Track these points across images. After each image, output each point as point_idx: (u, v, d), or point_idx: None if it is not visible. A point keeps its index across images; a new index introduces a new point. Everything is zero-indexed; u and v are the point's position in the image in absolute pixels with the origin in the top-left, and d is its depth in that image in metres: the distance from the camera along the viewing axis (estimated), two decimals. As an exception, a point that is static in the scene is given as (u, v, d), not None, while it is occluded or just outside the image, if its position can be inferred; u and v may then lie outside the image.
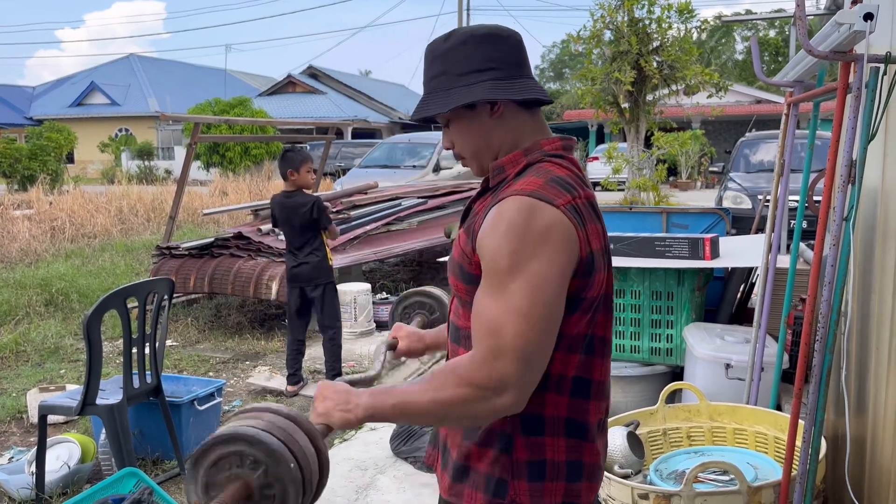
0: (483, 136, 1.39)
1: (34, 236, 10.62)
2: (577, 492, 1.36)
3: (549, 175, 1.30)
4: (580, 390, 1.35)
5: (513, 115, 1.39)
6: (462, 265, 1.35)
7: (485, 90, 1.35)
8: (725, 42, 43.63)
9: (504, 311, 1.21)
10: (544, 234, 1.22)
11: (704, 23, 15.31)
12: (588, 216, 1.30)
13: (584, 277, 1.27)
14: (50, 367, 5.34)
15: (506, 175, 1.37)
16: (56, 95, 39.54)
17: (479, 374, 1.21)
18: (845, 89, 2.03)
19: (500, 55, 1.38)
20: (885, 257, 2.28)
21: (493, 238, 1.25)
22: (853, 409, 2.58)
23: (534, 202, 1.24)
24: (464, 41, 1.37)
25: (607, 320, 1.38)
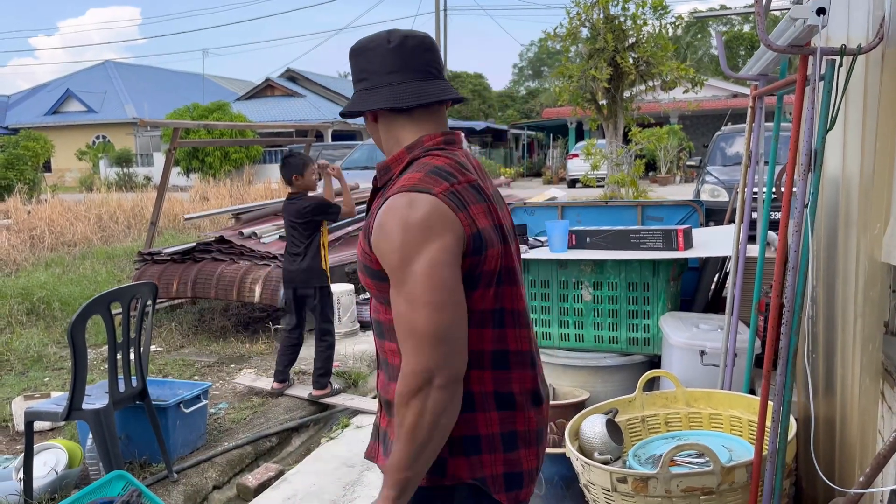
0: (377, 138, 1.54)
1: (13, 246, 10.54)
2: (516, 459, 1.44)
3: (427, 167, 1.40)
4: (500, 362, 1.43)
5: (394, 119, 1.49)
6: (365, 263, 1.43)
7: (366, 101, 1.48)
8: (701, 37, 44.03)
9: (408, 305, 1.31)
10: (425, 223, 1.31)
11: (679, 18, 15.49)
12: (471, 198, 1.39)
13: (476, 255, 1.36)
14: (34, 375, 5.33)
15: (392, 174, 1.47)
16: (31, 104, 39.10)
17: (411, 380, 1.30)
18: (804, 82, 2.11)
19: (373, 63, 1.47)
20: (848, 243, 2.36)
21: (382, 237, 1.35)
22: (822, 391, 2.67)
23: (411, 195, 1.34)
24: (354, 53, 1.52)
25: (515, 293, 1.46)
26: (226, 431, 4.23)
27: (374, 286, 1.43)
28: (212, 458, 3.83)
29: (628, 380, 3.73)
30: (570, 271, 3.89)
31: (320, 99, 36.12)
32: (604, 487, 2.44)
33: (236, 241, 6.30)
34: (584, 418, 2.85)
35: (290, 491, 3.53)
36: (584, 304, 3.89)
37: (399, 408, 1.32)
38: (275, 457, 4.13)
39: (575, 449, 2.66)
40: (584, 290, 3.88)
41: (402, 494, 1.34)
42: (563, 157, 29.11)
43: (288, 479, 3.69)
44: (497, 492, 1.42)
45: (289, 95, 36.00)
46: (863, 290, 2.15)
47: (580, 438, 2.79)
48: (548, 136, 35.11)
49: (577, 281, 3.88)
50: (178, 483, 3.57)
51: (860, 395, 2.20)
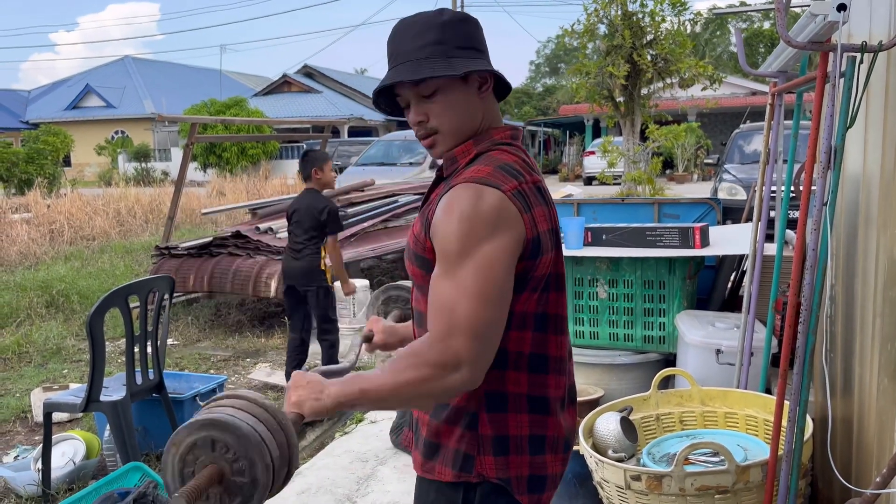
0: (468, 112, 1.42)
1: (33, 239, 10.67)
2: (541, 464, 1.43)
3: (497, 162, 1.37)
4: (538, 366, 1.42)
5: (491, 97, 1.46)
6: (417, 252, 1.41)
7: (488, 65, 1.41)
8: (720, 34, 43.67)
9: (455, 291, 1.28)
10: (491, 218, 1.28)
11: (698, 15, 15.35)
12: (535, 200, 1.36)
13: (532, 258, 1.34)
14: (52, 367, 5.40)
15: (458, 165, 1.43)
16: (51, 99, 39.50)
17: (434, 353, 1.27)
18: (824, 78, 2.09)
19: (485, 42, 1.45)
20: (868, 241, 2.34)
21: (444, 224, 1.32)
22: (840, 390, 2.64)
23: (481, 188, 1.30)
24: (462, 19, 1.42)
25: (559, 299, 1.44)
26: (241, 425, 4.25)
27: (422, 276, 1.40)
28: (227, 451, 3.85)
29: (643, 378, 3.71)
30: (586, 268, 3.87)
31: (337, 95, 36.20)
32: (617, 485, 2.43)
33: (252, 236, 6.33)
34: (599, 416, 2.84)
35: (304, 485, 3.55)
36: (599, 302, 3.87)
37: (410, 359, 1.29)
38: (289, 450, 4.15)
39: (589, 446, 2.65)
40: (600, 288, 3.87)
41: (346, 406, 1.32)
42: (579, 155, 28.98)
43: (302, 472, 3.70)
44: (520, 493, 1.42)
45: (305, 91, 36.12)
46: (882, 289, 2.12)
47: (594, 436, 2.78)
48: (564, 133, 34.99)
49: (593, 278, 3.87)
50: (193, 475, 3.59)
51: (878, 395, 2.18)
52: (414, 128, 1.45)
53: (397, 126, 32.41)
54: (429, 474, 1.45)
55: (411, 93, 1.41)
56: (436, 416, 1.44)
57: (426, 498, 1.48)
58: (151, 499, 2.87)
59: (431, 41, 1.38)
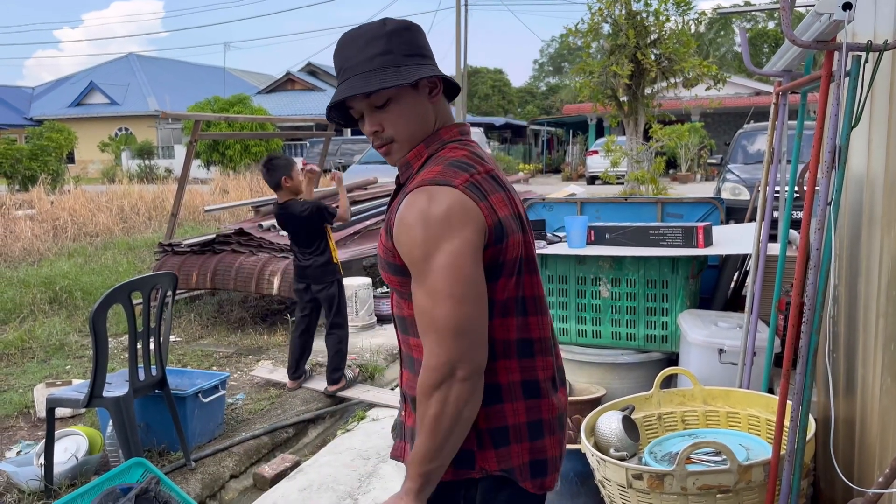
0: (421, 117, 1.44)
1: (37, 236, 10.69)
2: (541, 447, 1.45)
3: (446, 160, 1.39)
4: (525, 351, 1.43)
5: (442, 100, 1.48)
6: (386, 259, 1.43)
7: (435, 71, 1.43)
8: (724, 34, 43.57)
9: (429, 298, 1.31)
10: (446, 216, 1.30)
11: (702, 15, 15.33)
12: (489, 188, 1.38)
13: (498, 244, 1.35)
14: (55, 363, 5.41)
15: (412, 170, 1.45)
16: (55, 95, 39.58)
17: (433, 373, 1.30)
18: (829, 78, 2.08)
19: (428, 47, 1.47)
20: (871, 241, 2.33)
21: (403, 232, 1.34)
22: (842, 390, 2.64)
23: (431, 189, 1.33)
24: (406, 27, 1.44)
25: (533, 280, 1.46)
26: (243, 422, 4.27)
27: (397, 282, 1.42)
28: (229, 448, 3.87)
29: (645, 377, 3.71)
30: (589, 267, 3.87)
31: (340, 93, 36.19)
32: (619, 484, 2.43)
33: (255, 233, 6.34)
34: (601, 414, 2.84)
35: (306, 482, 3.56)
36: (601, 301, 3.87)
37: (421, 400, 1.32)
38: (291, 448, 4.16)
39: (591, 445, 2.65)
40: (603, 287, 3.87)
41: (424, 487, 1.34)
42: (582, 154, 28.98)
43: (304, 469, 3.71)
44: (523, 480, 1.43)
45: (309, 89, 36.16)
46: (885, 289, 2.12)
47: (596, 434, 2.78)
48: (567, 132, 34.97)
49: (596, 277, 3.87)
50: (195, 471, 3.61)
51: (881, 395, 2.18)
52: (370, 138, 1.47)
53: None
54: None
55: (364, 104, 1.43)
56: None
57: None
58: (154, 495, 2.88)
59: (379, 52, 1.40)
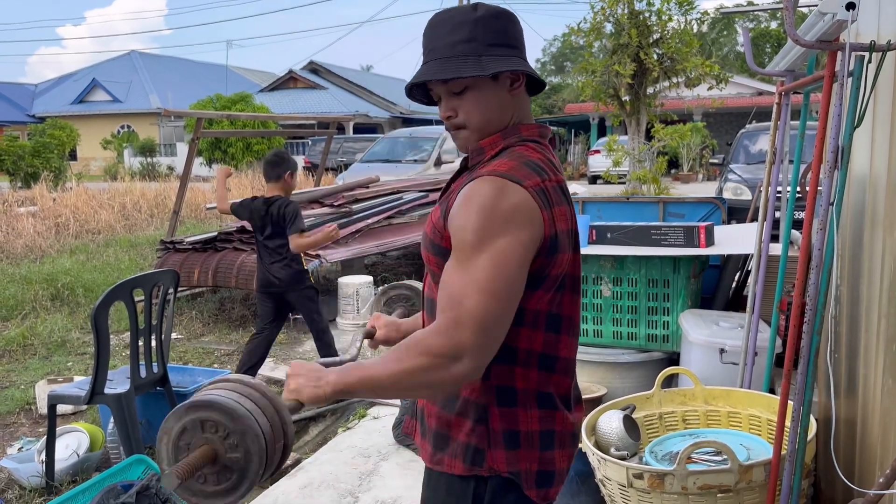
0: (497, 109, 1.42)
1: (39, 233, 10.71)
2: (549, 459, 1.44)
3: (522, 158, 1.37)
4: (548, 366, 1.42)
5: (523, 94, 1.45)
6: (433, 240, 1.41)
7: (519, 64, 1.41)
8: (727, 34, 43.53)
9: (467, 283, 1.27)
10: (510, 213, 1.28)
11: (705, 14, 15.32)
12: (556, 199, 1.36)
13: (548, 256, 1.34)
14: (57, 359, 5.41)
15: (483, 156, 1.43)
16: (58, 93, 39.59)
17: (437, 342, 1.26)
18: (832, 78, 2.08)
19: (521, 37, 1.45)
20: (874, 242, 2.33)
21: (462, 214, 1.31)
22: (844, 391, 2.64)
23: (503, 182, 1.30)
24: (497, 15, 1.41)
25: (573, 301, 1.44)
26: (244, 419, 4.26)
27: (437, 264, 1.40)
28: (230, 445, 3.87)
29: (646, 376, 3.71)
30: (590, 266, 3.87)
31: (342, 91, 36.22)
32: (620, 483, 2.43)
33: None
34: (601, 414, 2.84)
35: (307, 479, 3.56)
36: (603, 300, 3.87)
37: (412, 348, 1.28)
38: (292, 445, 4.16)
39: (591, 444, 2.65)
40: (604, 286, 3.87)
41: (344, 392, 1.31)
42: (584, 153, 28.94)
43: (304, 467, 3.71)
44: (528, 488, 1.42)
45: (311, 88, 36.15)
46: (888, 290, 2.12)
47: (597, 434, 2.78)
48: (569, 131, 34.93)
49: (597, 276, 3.87)
50: (196, 469, 3.61)
51: (882, 395, 2.18)
52: (443, 120, 1.46)
53: (402, 123, 32.46)
54: (438, 466, 1.46)
55: (442, 89, 1.43)
56: (446, 408, 1.44)
57: (436, 490, 1.48)
58: (154, 491, 2.88)
59: (463, 38, 1.38)
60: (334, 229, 4.31)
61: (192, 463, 1.22)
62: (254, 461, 1.22)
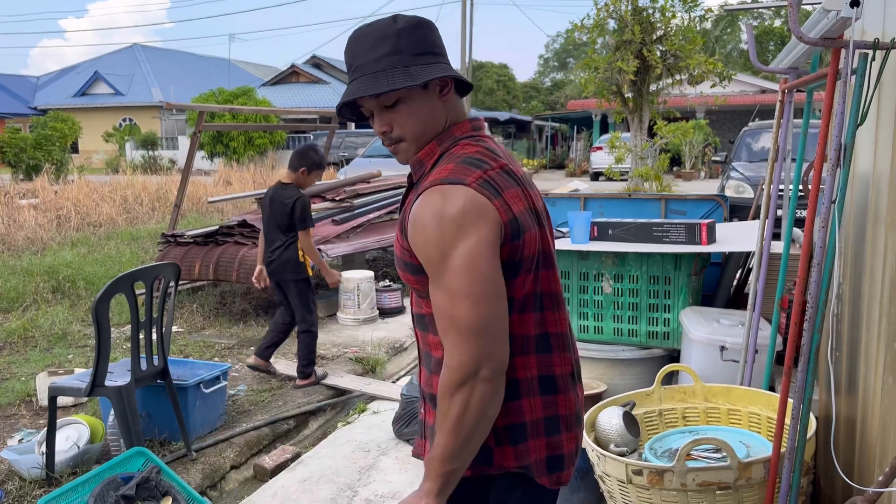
0: (431, 116, 1.43)
1: (40, 225, 10.71)
2: (557, 443, 1.44)
3: (458, 158, 1.38)
4: (543, 346, 1.43)
5: (453, 98, 1.46)
6: (403, 259, 1.42)
7: (446, 69, 1.42)
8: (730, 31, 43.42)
9: (448, 299, 1.29)
10: (460, 216, 1.29)
11: (708, 11, 15.29)
12: (504, 183, 1.36)
13: (514, 240, 1.34)
14: (58, 352, 5.42)
15: (424, 168, 1.44)
16: (60, 85, 39.58)
17: (453, 373, 1.28)
18: (835, 75, 2.07)
19: (440, 42, 1.46)
20: (876, 240, 2.33)
21: (418, 233, 1.33)
22: (844, 389, 2.64)
23: (444, 188, 1.32)
24: (417, 25, 1.42)
25: (551, 276, 1.45)
26: (244, 413, 4.28)
27: (414, 280, 1.41)
28: (230, 439, 3.88)
29: (646, 373, 3.71)
30: (591, 263, 3.87)
31: (345, 86, 35.76)
32: (619, 479, 2.44)
33: (258, 225, 6.33)
34: (602, 410, 2.84)
35: (306, 473, 3.57)
36: (604, 297, 3.87)
37: (443, 399, 1.30)
38: (292, 439, 4.17)
39: (591, 440, 2.65)
40: (605, 283, 3.86)
41: (444, 488, 1.32)
42: (586, 150, 28.92)
43: (304, 461, 3.72)
44: (540, 476, 1.43)
45: (313, 82, 36.11)
46: (889, 288, 2.12)
47: (596, 430, 2.78)
48: (572, 128, 34.91)
49: (598, 273, 3.86)
50: (196, 461, 3.62)
51: (883, 394, 2.17)
52: (379, 136, 1.46)
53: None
54: None
55: (373, 104, 1.42)
56: None
57: None
58: (154, 484, 2.89)
59: (388, 52, 1.39)
60: (337, 282, 4.82)
61: None
62: None
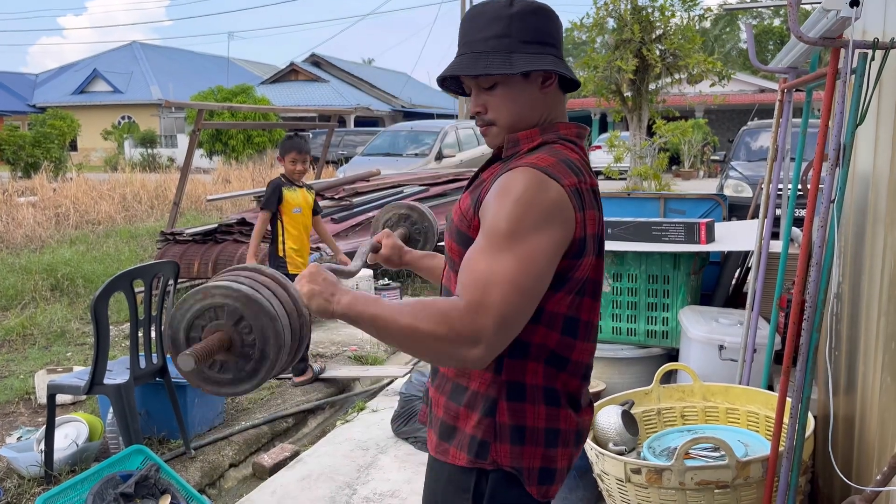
0: (528, 106, 1.41)
1: (39, 223, 10.70)
2: (552, 457, 1.44)
3: (561, 156, 1.35)
4: (556, 363, 1.41)
5: (556, 93, 1.44)
6: (460, 228, 1.40)
7: (551, 63, 1.39)
8: (729, 31, 43.42)
9: (495, 271, 1.25)
10: (548, 209, 1.27)
11: (708, 11, 15.30)
12: (589, 202, 1.35)
13: (575, 259, 1.33)
14: (57, 349, 5.42)
15: (519, 148, 1.41)
16: (59, 83, 39.52)
17: (459, 320, 1.23)
18: (835, 75, 2.08)
19: (557, 34, 1.43)
20: (875, 240, 2.33)
21: (498, 201, 1.30)
22: (843, 388, 2.64)
23: (544, 177, 1.29)
24: (533, 11, 1.39)
25: (593, 307, 1.43)
26: (243, 411, 4.28)
27: (460, 253, 1.38)
28: (229, 437, 3.88)
29: (645, 372, 3.71)
30: (590, 262, 3.87)
31: (344, 84, 36.15)
32: (617, 478, 2.44)
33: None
34: (600, 409, 2.85)
35: (305, 471, 3.57)
36: (603, 295, 3.87)
37: (434, 310, 1.24)
38: (290, 437, 4.17)
39: (590, 439, 2.66)
40: (604, 281, 3.86)
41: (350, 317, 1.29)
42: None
43: (303, 459, 3.72)
44: (530, 484, 1.42)
45: (313, 80, 36.08)
46: (888, 287, 2.12)
47: (595, 428, 2.78)
48: (571, 127, 34.88)
49: (597, 272, 3.86)
50: (195, 459, 3.62)
51: (881, 393, 2.18)
52: (474, 115, 1.45)
53: (404, 117, 32.41)
54: (442, 456, 1.46)
55: (472, 83, 1.42)
56: (454, 399, 1.44)
57: (438, 480, 1.49)
58: (153, 482, 2.89)
59: (496, 34, 1.37)
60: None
61: (208, 347, 1.18)
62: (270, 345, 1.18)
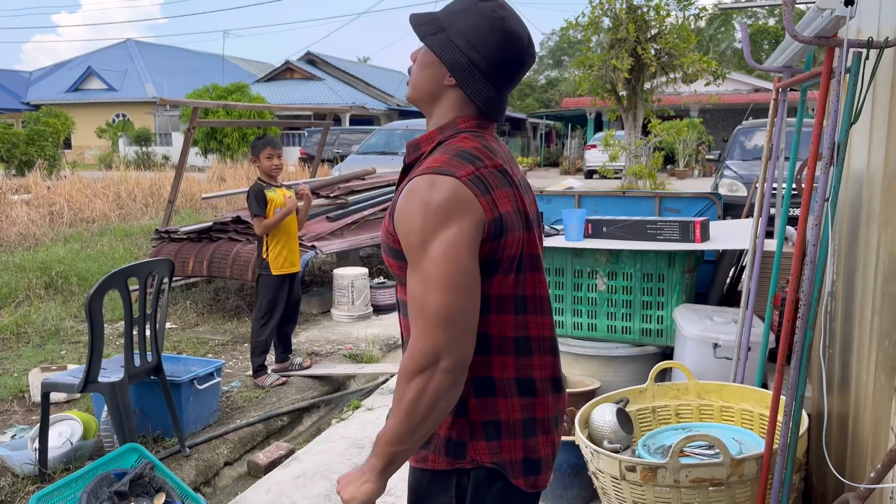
0: (430, 81, 1.45)
1: (33, 221, 10.65)
2: (534, 446, 1.44)
3: (455, 150, 1.38)
4: (522, 349, 1.43)
5: (461, 98, 1.44)
6: (388, 244, 1.42)
7: (461, 66, 1.40)
8: (724, 30, 43.49)
9: (422, 285, 1.30)
10: (445, 206, 1.30)
11: (703, 10, 15.33)
12: (495, 182, 1.37)
13: (496, 239, 1.34)
14: (51, 348, 5.40)
15: (421, 153, 1.45)
16: (53, 80, 39.37)
17: (414, 360, 1.29)
18: (829, 74, 2.08)
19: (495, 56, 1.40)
20: (869, 238, 2.34)
21: (402, 218, 1.34)
22: (836, 386, 2.65)
23: (434, 178, 1.32)
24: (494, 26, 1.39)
25: (537, 279, 1.45)
26: (238, 409, 4.27)
27: (397, 266, 1.42)
28: (224, 435, 3.87)
29: (640, 370, 3.72)
30: (585, 260, 3.88)
31: (339, 83, 36.10)
32: (612, 475, 2.45)
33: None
34: (595, 407, 2.85)
35: (300, 469, 3.57)
36: (598, 294, 3.88)
37: (401, 383, 1.32)
38: (286, 436, 4.17)
39: (585, 437, 2.66)
40: (599, 280, 3.87)
41: (388, 467, 1.35)
42: (580, 148, 28.94)
43: (298, 457, 3.72)
44: (515, 477, 1.43)
45: (308, 79, 36.01)
46: (881, 286, 2.13)
47: (590, 426, 2.79)
48: (566, 126, 34.90)
49: (592, 270, 3.87)
50: (190, 458, 3.61)
51: (874, 391, 2.19)
52: None
53: (399, 115, 32.38)
54: (422, 464, 1.47)
55: None
56: None
57: (420, 487, 1.49)
58: (148, 480, 2.89)
59: (452, 11, 1.43)
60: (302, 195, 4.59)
61: None
62: None
